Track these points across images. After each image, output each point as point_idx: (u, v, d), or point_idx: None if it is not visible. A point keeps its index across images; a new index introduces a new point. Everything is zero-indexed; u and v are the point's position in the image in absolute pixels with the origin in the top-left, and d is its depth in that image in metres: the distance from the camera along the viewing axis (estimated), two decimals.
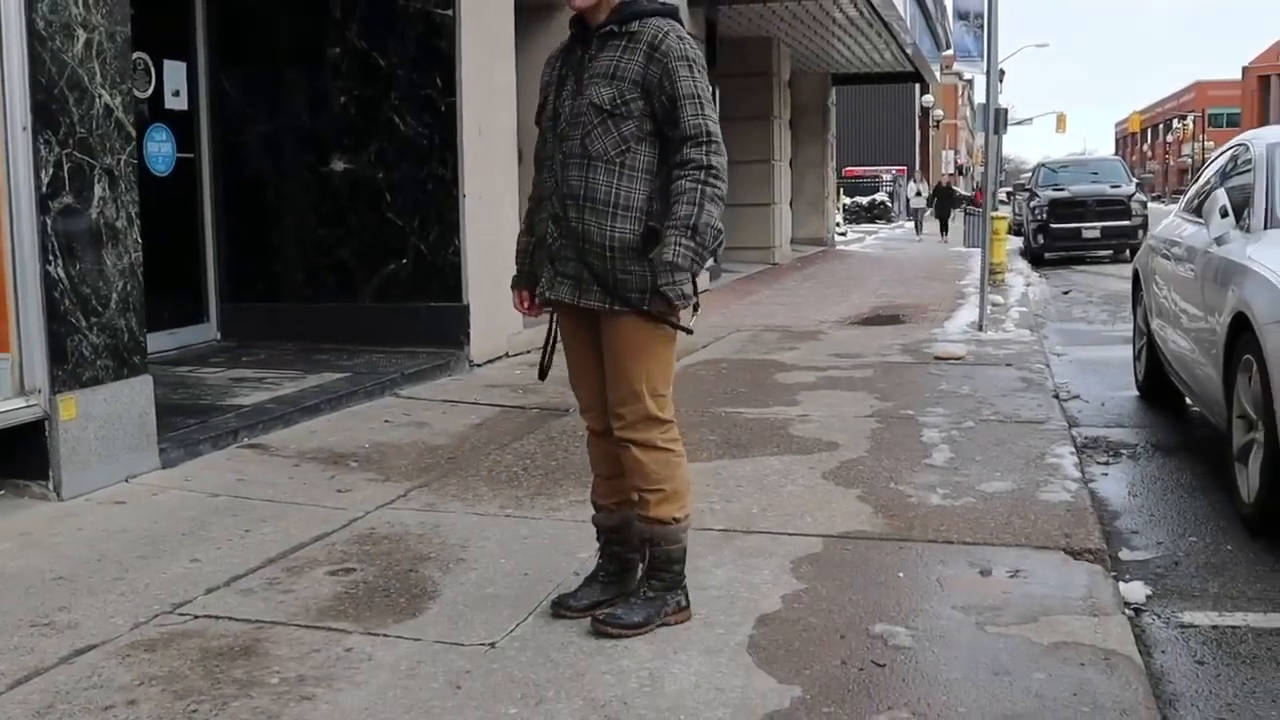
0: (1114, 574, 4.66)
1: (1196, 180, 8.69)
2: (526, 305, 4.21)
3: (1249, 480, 5.47)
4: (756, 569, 4.52)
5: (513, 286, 4.26)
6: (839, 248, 28.97)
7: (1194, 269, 6.89)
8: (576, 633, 3.90)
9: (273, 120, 9.60)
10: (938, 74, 32.10)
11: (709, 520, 5.14)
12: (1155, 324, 8.16)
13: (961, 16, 36.81)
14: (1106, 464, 6.77)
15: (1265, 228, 6.18)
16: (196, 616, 4.08)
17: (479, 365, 9.33)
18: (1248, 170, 6.86)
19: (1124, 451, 7.04)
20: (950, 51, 37.93)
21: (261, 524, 5.15)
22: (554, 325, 4.15)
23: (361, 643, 3.84)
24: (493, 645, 3.81)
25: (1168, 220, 8.70)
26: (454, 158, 9.17)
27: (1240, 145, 7.49)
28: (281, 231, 9.66)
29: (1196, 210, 7.90)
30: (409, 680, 3.56)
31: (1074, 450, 6.59)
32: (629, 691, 3.47)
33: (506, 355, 9.81)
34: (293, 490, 5.73)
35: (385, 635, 3.90)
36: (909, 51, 22.86)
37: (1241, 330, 5.54)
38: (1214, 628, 4.29)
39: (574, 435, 6.86)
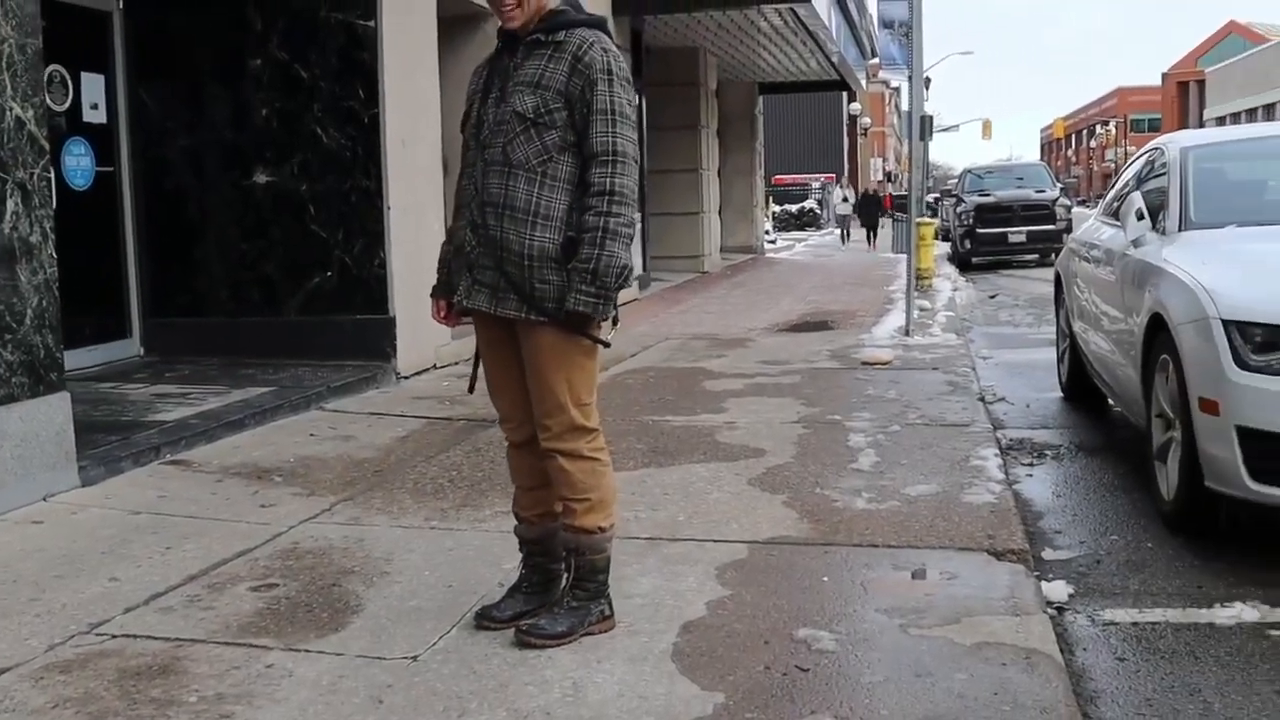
0: (1036, 573, 4.70)
1: (1114, 184, 8.81)
2: (444, 314, 4.15)
3: (1168, 478, 5.54)
4: (681, 576, 4.52)
5: (432, 295, 4.18)
6: (768, 255, 29.10)
7: (1113, 271, 6.98)
8: (500, 644, 3.87)
9: (194, 133, 9.49)
10: (864, 82, 32.35)
11: (634, 529, 5.14)
12: (1077, 326, 8.26)
13: (887, 25, 37.10)
14: (1031, 465, 6.84)
15: (1180, 230, 6.27)
16: (114, 636, 4.02)
17: (406, 377, 9.27)
18: (1163, 174, 6.96)
19: (1048, 453, 7.11)
20: (876, 60, 38.25)
21: (183, 541, 5.08)
22: None
23: (282, 659, 3.79)
24: (415, 658, 3.78)
25: (1087, 224, 8.82)
26: (378, 169, 9.12)
27: (1156, 149, 7.60)
28: (205, 245, 9.55)
29: (1115, 214, 8.01)
30: (330, 696, 3.52)
31: (999, 452, 6.65)
32: (552, 702, 3.46)
33: (434, 367, 9.77)
34: (215, 506, 5.66)
35: (307, 651, 3.86)
36: (834, 60, 23.00)
37: (1158, 331, 5.62)
38: (1134, 624, 4.34)
39: (500, 446, 6.74)
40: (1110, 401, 7.96)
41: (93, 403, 7.54)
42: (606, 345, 3.91)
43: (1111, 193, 8.78)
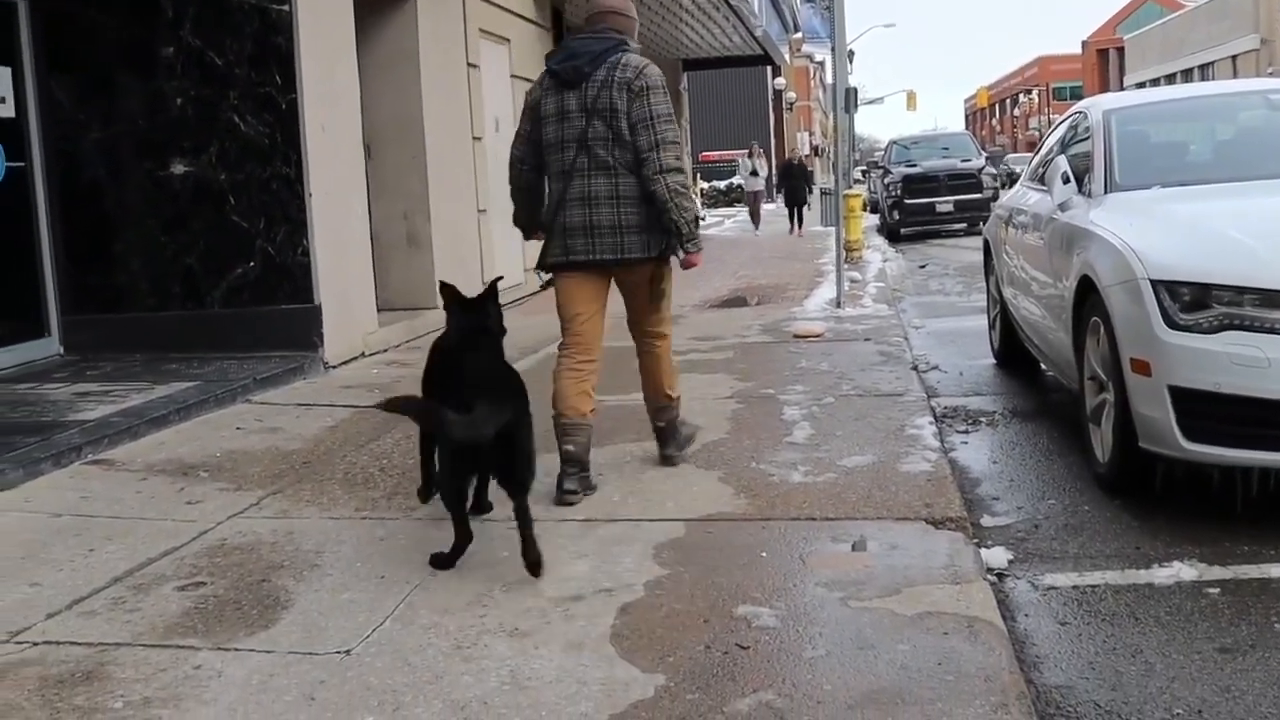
0: (975, 541, 4.68)
1: (1039, 149, 8.82)
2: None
3: (1103, 441, 5.55)
4: (618, 558, 4.45)
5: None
6: (701, 233, 29.00)
7: (1041, 236, 6.98)
8: (435, 634, 3.79)
9: (108, 125, 9.26)
10: (787, 56, 32.34)
11: (570, 511, 5.07)
12: (1008, 292, 8.27)
13: None
14: (966, 433, 6.83)
15: (1105, 192, 6.27)
16: (35, 644, 3.89)
17: (334, 367, 9.13)
18: (1087, 138, 6.96)
19: (983, 419, 7.12)
20: (799, 34, 38.28)
21: (106, 542, 4.95)
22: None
23: (211, 659, 3.69)
24: (348, 652, 3.69)
25: (1014, 190, 8.84)
26: (298, 156, 8.94)
27: (1079, 113, 7.61)
28: (123, 240, 9.33)
29: (1041, 179, 8.02)
30: (260, 695, 3.42)
31: (933, 420, 6.65)
32: (489, 691, 3.38)
33: (363, 355, 9.63)
34: (140, 505, 5.52)
35: (236, 649, 3.75)
36: (758, 35, 22.99)
37: (1088, 293, 5.62)
38: (1074, 588, 4.33)
39: None
40: (1043, 366, 7.99)
41: (10, 404, 7.35)
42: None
43: (1036, 158, 8.79)
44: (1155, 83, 72.64)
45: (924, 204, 25.43)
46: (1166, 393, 4.87)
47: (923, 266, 18.83)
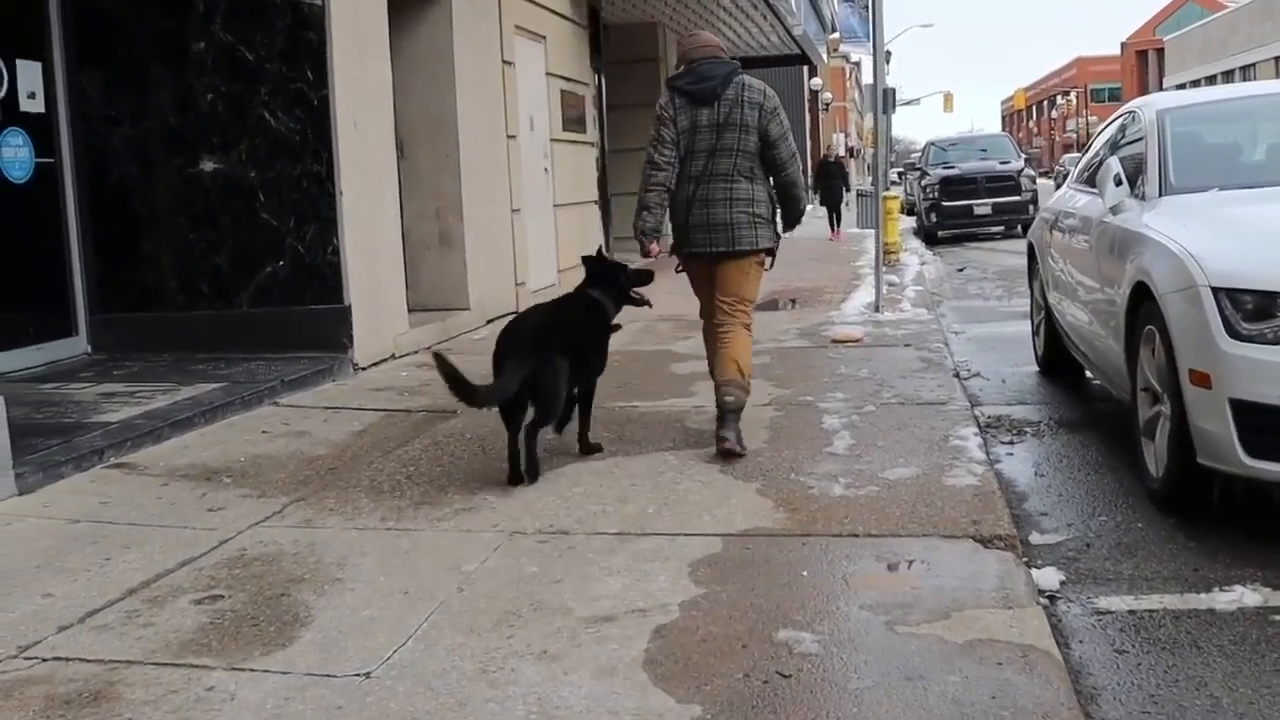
0: (1025, 560, 4.48)
1: (1087, 150, 8.59)
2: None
3: (1156, 455, 5.33)
4: (653, 575, 4.26)
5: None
6: None
7: (1090, 240, 6.76)
8: (459, 656, 3.61)
9: (138, 121, 9.13)
10: (825, 56, 32.08)
11: (601, 523, 4.88)
12: (1053, 297, 8.04)
13: None
14: (1011, 443, 6.62)
15: (1160, 195, 6.04)
16: (44, 659, 3.73)
17: (364, 368, 8.97)
18: (1139, 139, 6.73)
19: (1028, 430, 6.90)
20: (836, 34, 37.98)
21: (124, 551, 4.79)
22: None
23: (225, 680, 3.51)
24: (368, 675, 3.51)
25: (1060, 192, 8.60)
26: (328, 153, 8.79)
27: (1129, 113, 7.38)
28: (152, 237, 9.20)
29: (1089, 181, 7.79)
30: None
31: (978, 430, 6.43)
32: None
33: (393, 357, 9.47)
34: (160, 512, 5.36)
35: (251, 670, 3.58)
36: (796, 35, 22.75)
37: (1142, 301, 5.40)
38: (1131, 613, 4.12)
39: (460, 438, 6.57)
40: (1088, 374, 7.78)
41: (35, 405, 7.22)
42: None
43: (1083, 160, 8.56)
44: (1195, 84, 72.00)
45: (962, 206, 25.14)
46: (1228, 406, 4.65)
47: (961, 270, 18.58)
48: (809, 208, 7.03)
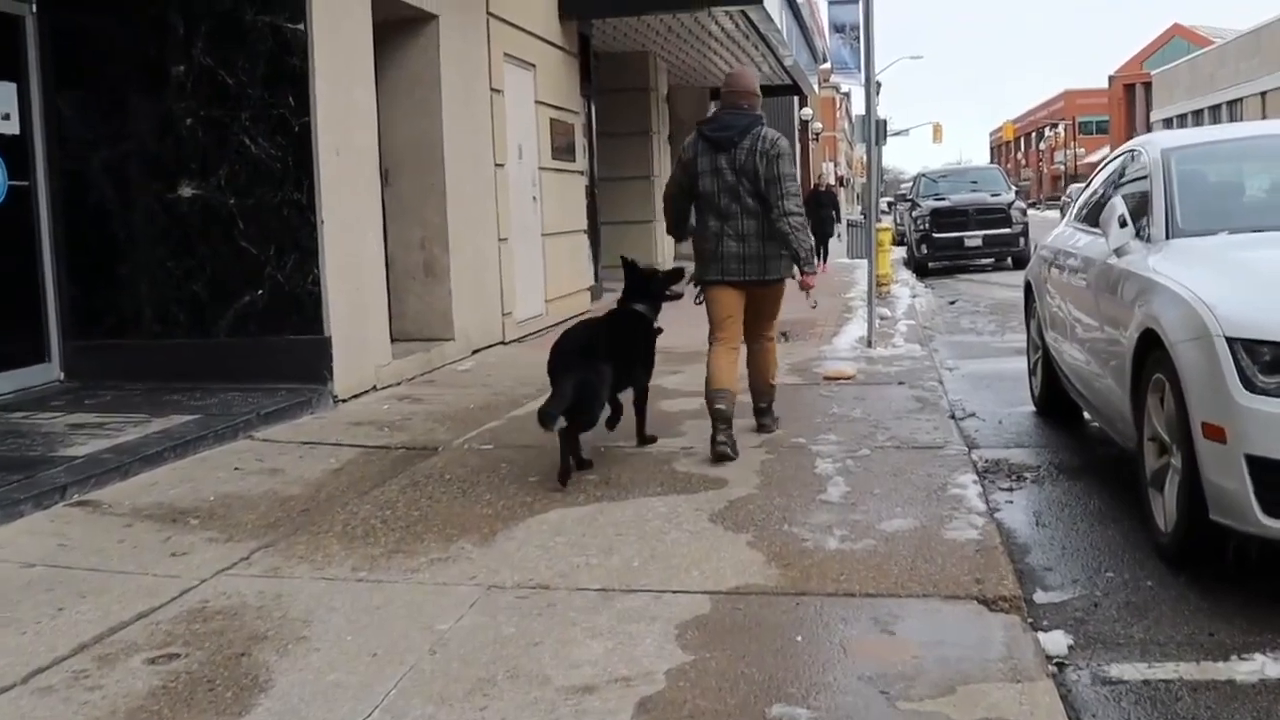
0: (1031, 621, 4.24)
1: (1086, 188, 8.39)
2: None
3: (1165, 509, 5.10)
4: (638, 639, 4.01)
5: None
6: None
7: (1093, 282, 6.54)
8: None
9: (115, 145, 8.91)
10: (816, 86, 31.95)
11: (584, 577, 4.64)
12: (1051, 338, 7.83)
13: (838, 29, 36.81)
14: (1010, 490, 6.38)
15: (1167, 237, 5.83)
16: None
17: (344, 401, 8.73)
18: (1142, 177, 6.53)
19: (1027, 475, 6.66)
20: (827, 64, 37.84)
21: (79, 600, 4.54)
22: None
23: None
24: None
25: (1059, 230, 8.39)
26: (310, 181, 8.57)
27: (1132, 151, 7.18)
28: (128, 263, 8.96)
29: (1088, 219, 7.59)
30: None
31: (977, 478, 6.20)
32: None
33: (374, 389, 9.23)
34: (121, 556, 5.11)
35: None
36: (787, 65, 22.58)
37: (1150, 348, 5.18)
38: (1145, 683, 3.87)
39: (440, 479, 6.33)
40: (1086, 415, 7.57)
41: None
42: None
43: (1082, 198, 8.36)
44: (1183, 119, 72.33)
45: (952, 238, 24.98)
46: (1244, 462, 4.42)
47: (952, 303, 18.39)
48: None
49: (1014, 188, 28.90)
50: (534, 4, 13.86)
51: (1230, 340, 4.52)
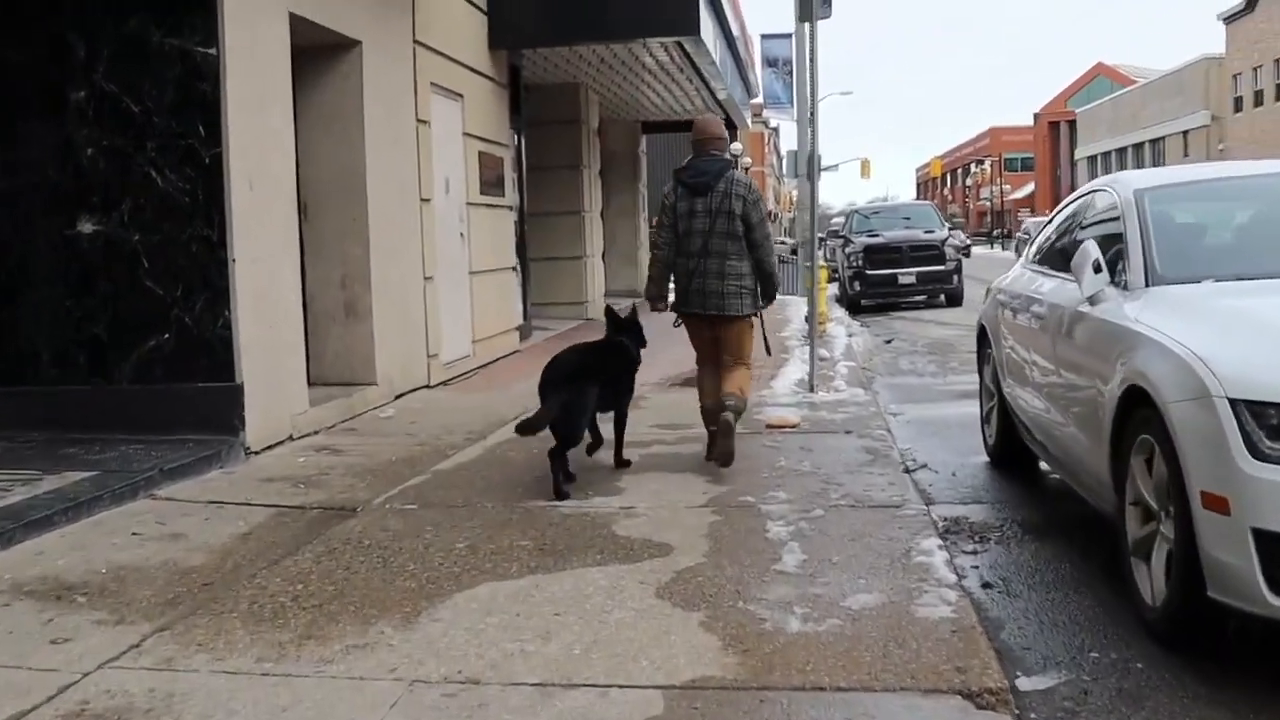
0: (1018, 713, 3.78)
1: (1043, 229, 8.02)
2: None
3: (1153, 581, 4.68)
4: None
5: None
6: None
7: (1062, 330, 6.14)
8: None
9: (9, 176, 8.28)
10: (748, 120, 31.72)
11: (519, 669, 4.12)
12: (1009, 386, 7.44)
13: (770, 64, 36.50)
14: (975, 554, 5.94)
15: (1146, 285, 5.42)
16: None
17: (257, 452, 8.14)
18: (1112, 219, 6.13)
19: (991, 537, 6.23)
20: (759, 99, 37.68)
21: None
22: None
23: None
24: None
25: (1016, 273, 8.00)
26: (221, 216, 8.00)
27: (1098, 191, 6.80)
28: (23, 303, 8.33)
29: (1049, 261, 7.23)
30: None
31: (941, 542, 5.74)
32: None
33: (291, 438, 8.65)
34: None
35: None
36: (720, 98, 22.22)
37: (1136, 407, 4.76)
38: None
39: (359, 545, 5.78)
40: (1045, 467, 7.20)
41: None
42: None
43: (1038, 239, 7.99)
44: (1106, 157, 73.25)
45: (886, 275, 24.76)
46: (1250, 537, 4.01)
47: (889, 341, 18.08)
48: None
49: (948, 224, 28.81)
50: (462, 33, 13.37)
51: (1233, 401, 4.11)
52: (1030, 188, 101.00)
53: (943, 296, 25.22)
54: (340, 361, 10.35)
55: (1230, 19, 56.18)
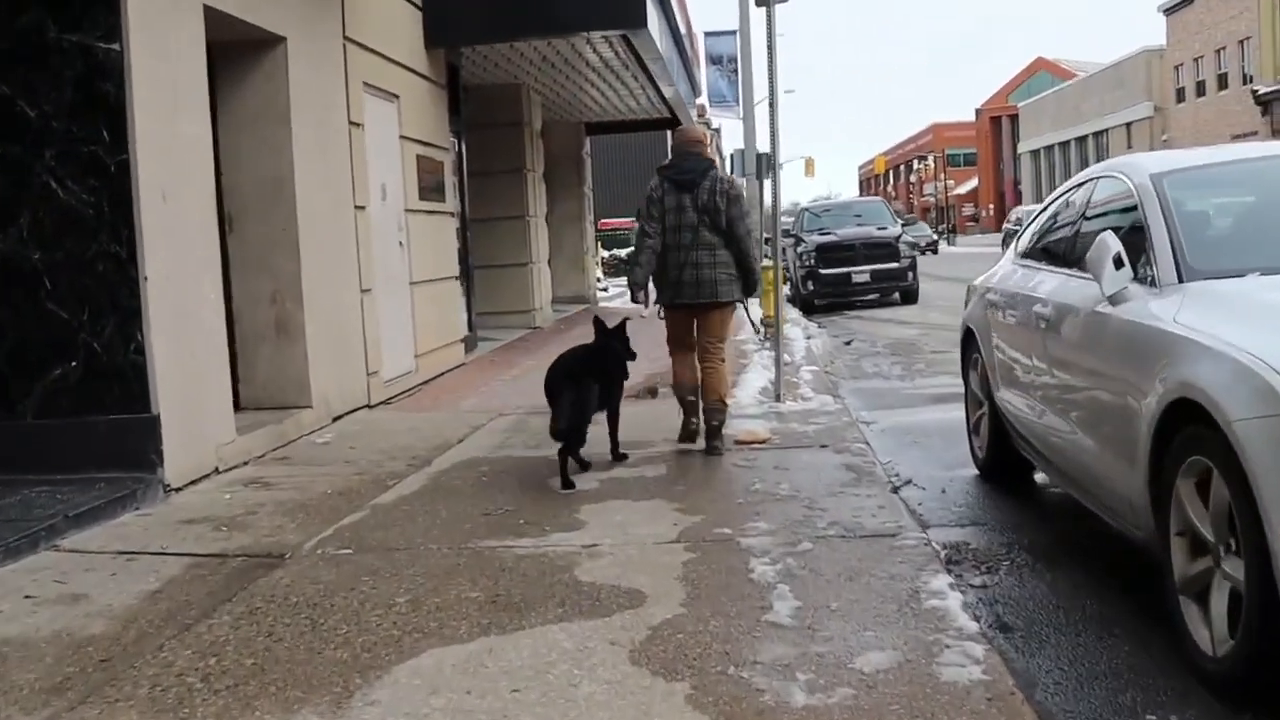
0: None
1: (1033, 221, 7.37)
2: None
3: (1213, 626, 4.02)
4: None
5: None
6: (602, 304, 27.42)
7: (1076, 334, 5.48)
8: None
9: None
10: (694, 119, 31.03)
11: None
12: (1005, 395, 6.78)
13: (715, 61, 35.86)
14: (985, 587, 5.28)
15: (1180, 280, 4.76)
16: None
17: (177, 490, 7.35)
18: (1128, 208, 5.47)
19: (1000, 566, 5.57)
20: (703, 98, 37.06)
21: None
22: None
23: None
24: None
25: (1005, 269, 7.34)
26: (130, 230, 7.20)
27: (1105, 177, 6.13)
28: None
29: (1047, 256, 6.59)
30: None
31: (952, 580, 5.04)
32: None
33: (216, 472, 7.86)
34: None
35: None
36: (667, 96, 21.53)
37: (1184, 423, 4.09)
38: None
39: (284, 604, 5.02)
40: (1040, 478, 6.62)
41: None
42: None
43: (1027, 231, 7.36)
44: (1049, 150, 73.31)
45: (840, 274, 24.18)
46: None
47: (848, 343, 17.48)
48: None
49: (900, 220, 28.31)
50: (397, 29, 12.59)
51: None
52: (974, 183, 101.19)
53: (898, 294, 24.68)
54: (272, 384, 9.54)
55: (1170, 10, 56.22)
